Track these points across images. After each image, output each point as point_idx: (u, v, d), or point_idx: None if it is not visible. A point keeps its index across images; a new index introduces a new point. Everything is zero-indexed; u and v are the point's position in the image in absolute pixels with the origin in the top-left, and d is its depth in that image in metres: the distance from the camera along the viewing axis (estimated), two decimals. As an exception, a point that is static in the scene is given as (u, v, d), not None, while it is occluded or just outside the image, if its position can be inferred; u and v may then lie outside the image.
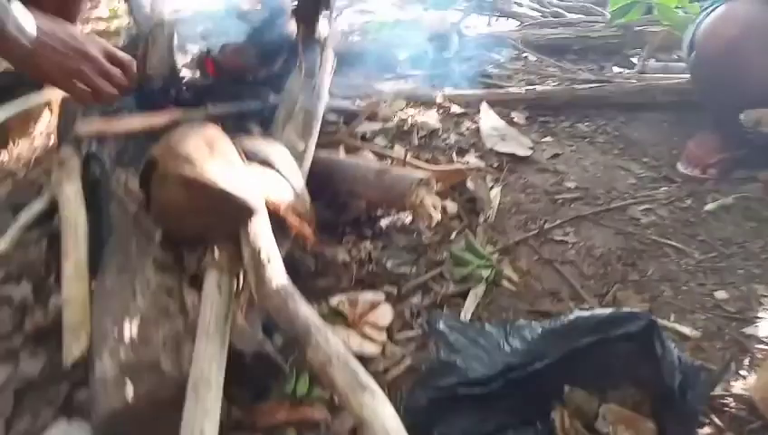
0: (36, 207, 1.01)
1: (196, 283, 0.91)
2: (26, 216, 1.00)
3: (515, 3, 3.93)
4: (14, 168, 1.50)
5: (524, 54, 2.34)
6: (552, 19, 2.94)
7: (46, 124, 1.63)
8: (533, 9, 3.94)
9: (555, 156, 1.60)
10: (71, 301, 0.85)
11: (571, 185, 1.48)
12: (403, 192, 1.05)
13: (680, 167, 1.55)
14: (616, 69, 2.28)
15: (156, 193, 0.91)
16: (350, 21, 2.78)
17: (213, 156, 0.89)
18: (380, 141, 1.56)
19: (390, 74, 2.06)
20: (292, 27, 1.28)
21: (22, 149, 1.55)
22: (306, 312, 0.79)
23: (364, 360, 0.89)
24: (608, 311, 0.92)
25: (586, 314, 0.92)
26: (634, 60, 2.33)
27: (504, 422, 0.84)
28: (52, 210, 1.16)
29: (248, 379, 0.90)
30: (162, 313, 0.85)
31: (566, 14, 3.74)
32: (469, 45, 2.26)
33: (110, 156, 1.03)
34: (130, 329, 0.81)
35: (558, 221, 1.33)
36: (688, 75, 1.67)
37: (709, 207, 1.39)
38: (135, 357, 0.79)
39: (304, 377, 0.93)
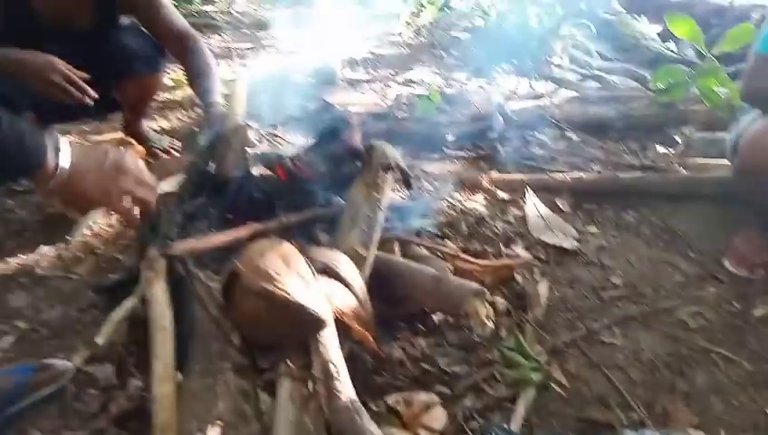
0: (128, 304, 1.11)
1: (270, 386, 0.99)
2: (120, 312, 1.10)
3: (556, 66, 4.05)
4: (94, 244, 1.64)
5: (568, 134, 2.40)
6: (594, 93, 3.01)
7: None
8: (573, 71, 4.05)
9: (601, 248, 1.64)
10: (161, 400, 0.93)
11: (618, 281, 1.51)
12: (459, 302, 1.12)
13: (727, 264, 1.58)
14: (660, 148, 2.32)
15: (236, 301, 1.00)
16: (397, 92, 2.91)
17: (288, 271, 0.98)
18: (431, 230, 1.63)
19: (437, 154, 2.15)
20: (355, 136, 1.39)
21: (102, 229, 1.69)
22: (372, 429, 0.85)
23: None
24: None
25: (636, 435, 0.95)
26: (677, 138, 2.37)
27: None
28: (130, 289, 1.27)
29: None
30: (240, 417, 0.93)
31: (606, 76, 3.83)
32: (513, 124, 2.34)
33: (192, 257, 1.13)
34: (213, 432, 0.89)
35: (605, 322, 1.37)
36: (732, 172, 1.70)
37: (759, 312, 1.40)
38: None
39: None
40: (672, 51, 4.05)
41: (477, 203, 1.81)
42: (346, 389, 0.91)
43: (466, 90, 3.08)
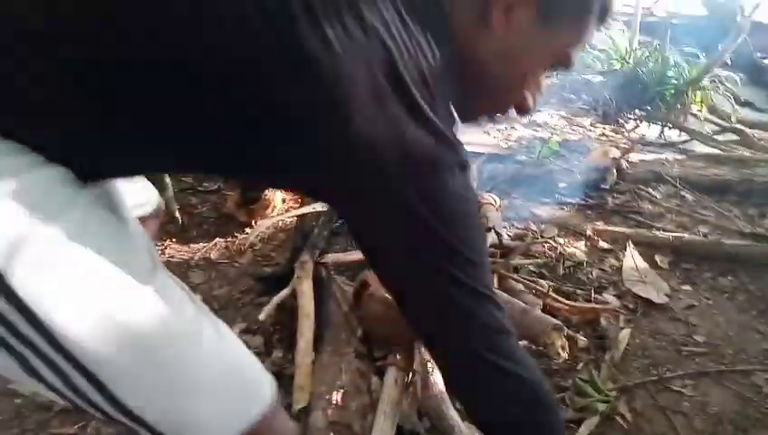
0: (283, 293, 1.49)
1: (380, 371, 1.30)
2: (278, 298, 1.48)
3: (692, 115, 4.00)
4: (254, 241, 2.08)
5: (682, 192, 2.48)
6: (717, 153, 3.00)
7: (278, 210, 2.21)
8: (710, 122, 3.96)
9: (691, 307, 1.76)
10: (301, 367, 1.27)
11: (700, 339, 1.63)
12: (539, 334, 1.34)
13: (821, 341, 1.62)
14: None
15: (363, 303, 1.32)
16: (520, 134, 3.14)
17: (406, 286, 1.29)
18: (530, 267, 1.86)
19: (548, 199, 2.35)
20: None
21: (261, 227, 2.13)
22: (454, 415, 1.13)
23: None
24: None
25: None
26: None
27: None
28: (284, 282, 1.65)
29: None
30: (357, 389, 1.24)
31: (747, 130, 3.71)
32: (627, 177, 2.48)
33: (334, 265, 1.48)
34: (337, 397, 1.21)
35: (679, 372, 1.51)
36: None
37: (840, 388, 1.45)
38: (337, 417, 1.18)
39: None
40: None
41: (578, 249, 2.00)
42: (438, 382, 1.19)
43: (588, 136, 3.22)
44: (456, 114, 0.63)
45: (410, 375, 1.26)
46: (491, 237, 1.67)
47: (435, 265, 0.58)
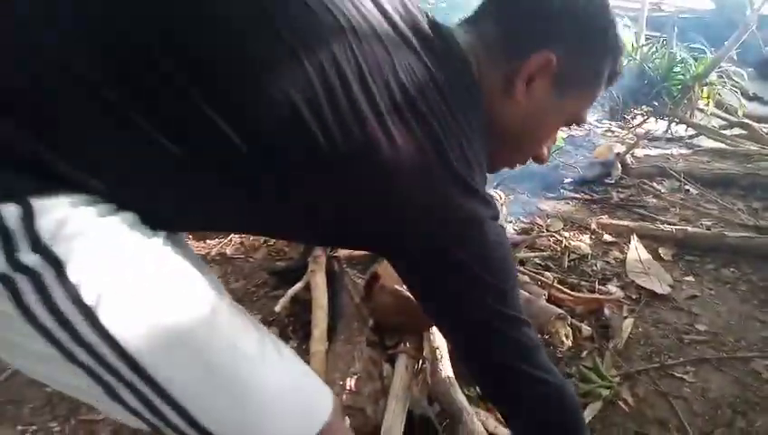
0: (298, 285, 1.56)
1: (391, 359, 1.36)
2: (292, 290, 1.55)
3: (699, 109, 4.02)
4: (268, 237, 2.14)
5: (686, 186, 2.52)
6: (722, 148, 3.03)
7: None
8: (717, 116, 3.98)
9: (693, 297, 1.81)
10: (315, 355, 1.34)
11: (702, 328, 1.68)
12: (543, 323, 1.40)
13: (820, 328, 1.66)
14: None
15: (374, 295, 1.39)
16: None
17: (415, 277, 1.35)
18: (536, 260, 1.92)
19: (554, 194, 2.40)
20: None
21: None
22: (462, 399, 1.19)
23: (496, 440, 1.24)
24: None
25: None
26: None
27: None
28: (297, 275, 1.71)
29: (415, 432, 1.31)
30: (369, 376, 1.30)
31: (754, 124, 3.72)
32: (631, 172, 2.52)
33: (346, 259, 1.55)
34: (350, 383, 1.27)
35: (681, 359, 1.56)
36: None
37: (837, 374, 1.50)
38: (351, 402, 1.24)
39: (451, 440, 1.30)
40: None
41: (582, 242, 2.05)
42: (446, 368, 1.25)
43: (594, 132, 3.26)
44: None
45: (420, 362, 1.32)
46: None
47: (482, 302, 0.68)
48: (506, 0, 0.75)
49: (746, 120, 3.88)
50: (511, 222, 2.05)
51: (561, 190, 2.42)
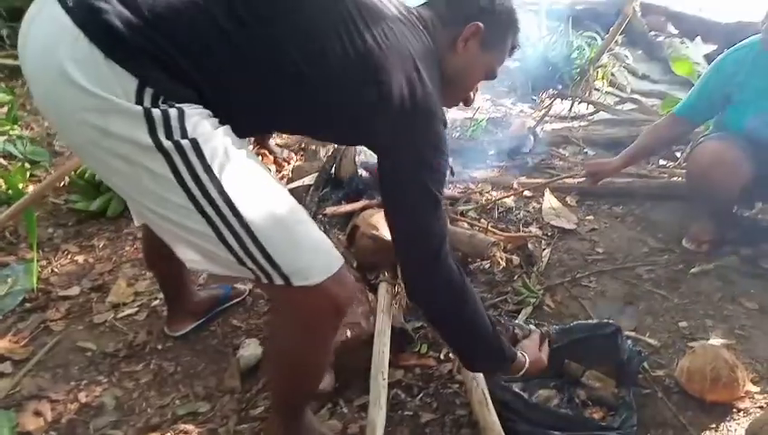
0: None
1: (373, 288, 1.77)
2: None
3: (596, 89, 4.66)
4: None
5: (585, 150, 3.08)
6: (613, 117, 3.63)
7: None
8: (612, 94, 4.64)
9: (593, 230, 2.33)
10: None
11: (600, 250, 2.20)
12: (483, 249, 1.86)
13: (684, 242, 2.23)
14: (662, 161, 2.96)
15: (356, 241, 1.79)
16: (453, 117, 3.67)
17: (385, 225, 1.76)
18: (472, 214, 2.38)
19: (481, 164, 2.89)
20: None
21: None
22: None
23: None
24: (594, 321, 1.66)
25: (582, 322, 1.67)
26: (677, 154, 2.99)
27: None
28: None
29: (396, 342, 1.72)
30: (359, 301, 1.71)
31: (642, 99, 4.38)
32: (541, 142, 3.06)
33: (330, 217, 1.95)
34: (345, 307, 1.67)
35: (586, 273, 2.07)
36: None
37: (693, 270, 2.06)
38: (350, 319, 1.64)
39: (425, 343, 1.73)
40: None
41: (508, 199, 2.54)
42: (417, 286, 1.67)
43: (510, 113, 3.81)
44: None
45: (396, 287, 1.74)
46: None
47: (421, 173, 1.09)
48: None
49: (635, 96, 4.57)
50: (449, 188, 2.51)
51: (488, 161, 2.91)
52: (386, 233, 1.73)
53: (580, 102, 4.49)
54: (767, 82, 1.96)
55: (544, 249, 2.19)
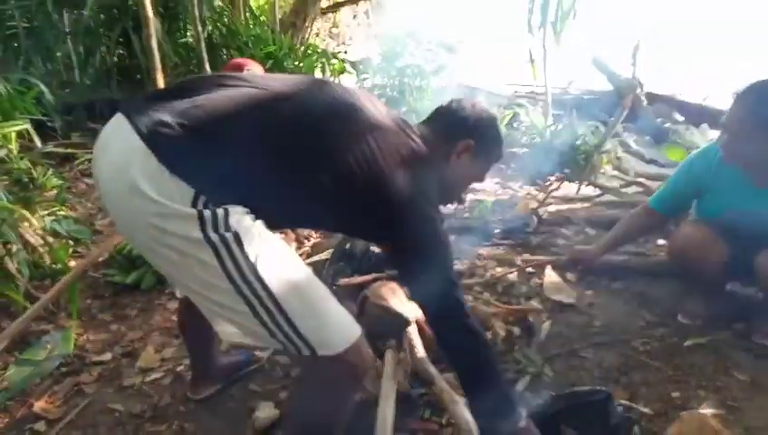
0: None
1: (380, 355, 1.91)
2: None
3: (602, 173, 4.88)
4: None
5: (586, 230, 3.26)
6: (616, 199, 3.82)
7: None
8: (617, 177, 4.85)
9: (591, 304, 2.46)
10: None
11: (598, 323, 2.32)
12: (483, 320, 2.00)
13: (679, 317, 2.34)
14: (659, 241, 3.11)
15: (366, 311, 1.96)
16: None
17: (394, 296, 1.94)
18: (477, 288, 2.53)
19: (487, 242, 3.07)
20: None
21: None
22: (432, 369, 1.75)
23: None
24: (587, 388, 1.77)
25: (577, 389, 1.78)
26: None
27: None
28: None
29: (401, 407, 1.84)
30: (367, 367, 1.84)
31: (646, 181, 4.58)
32: (544, 222, 3.25)
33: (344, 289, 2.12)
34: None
35: (584, 345, 2.18)
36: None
37: (687, 343, 2.16)
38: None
39: (429, 409, 1.84)
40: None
41: (511, 274, 2.70)
42: (421, 351, 1.81)
43: (516, 196, 4.03)
44: None
45: (401, 353, 1.88)
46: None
47: (436, 265, 1.32)
48: (444, 112, 1.56)
49: (640, 179, 4.78)
50: (457, 264, 2.69)
51: (493, 239, 3.10)
52: (393, 303, 1.91)
53: (587, 185, 4.72)
54: (733, 184, 2.13)
55: (544, 322, 2.32)
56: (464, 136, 1.50)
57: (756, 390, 1.90)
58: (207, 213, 1.11)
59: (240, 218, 1.15)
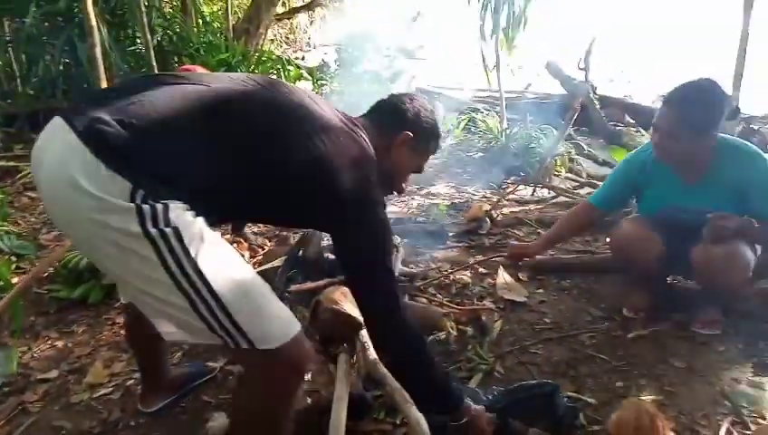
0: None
1: (333, 359, 1.92)
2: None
3: (555, 174, 5.01)
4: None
5: (539, 230, 3.35)
6: (568, 201, 3.94)
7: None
8: (570, 179, 4.98)
9: (542, 302, 2.53)
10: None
11: (548, 320, 2.39)
12: (436, 321, 2.04)
13: (624, 311, 2.43)
14: (608, 239, 3.21)
15: (318, 316, 1.96)
16: (419, 202, 3.95)
17: (345, 300, 1.95)
18: (432, 290, 2.57)
19: (441, 245, 3.12)
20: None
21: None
22: (384, 370, 1.77)
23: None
24: (534, 382, 1.82)
25: (524, 383, 1.83)
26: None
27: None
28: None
29: (354, 409, 1.85)
30: (320, 371, 1.85)
31: (598, 183, 4.73)
32: (498, 223, 3.32)
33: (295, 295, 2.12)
34: (308, 377, 1.81)
35: (534, 341, 2.24)
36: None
37: (631, 335, 2.24)
38: (311, 387, 1.77)
39: (383, 410, 1.86)
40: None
41: (465, 275, 2.74)
42: (372, 353, 1.83)
43: (472, 199, 4.10)
44: None
45: (353, 357, 1.89)
46: (399, 268, 2.39)
47: (375, 254, 1.36)
48: (385, 106, 1.63)
49: (593, 180, 4.94)
50: (412, 266, 2.72)
51: (447, 242, 3.15)
52: (345, 307, 1.92)
53: (542, 187, 4.84)
54: (666, 181, 2.24)
55: (497, 321, 2.37)
56: (403, 128, 1.56)
57: (691, 375, 2.00)
58: (146, 208, 1.10)
59: (180, 214, 1.14)
